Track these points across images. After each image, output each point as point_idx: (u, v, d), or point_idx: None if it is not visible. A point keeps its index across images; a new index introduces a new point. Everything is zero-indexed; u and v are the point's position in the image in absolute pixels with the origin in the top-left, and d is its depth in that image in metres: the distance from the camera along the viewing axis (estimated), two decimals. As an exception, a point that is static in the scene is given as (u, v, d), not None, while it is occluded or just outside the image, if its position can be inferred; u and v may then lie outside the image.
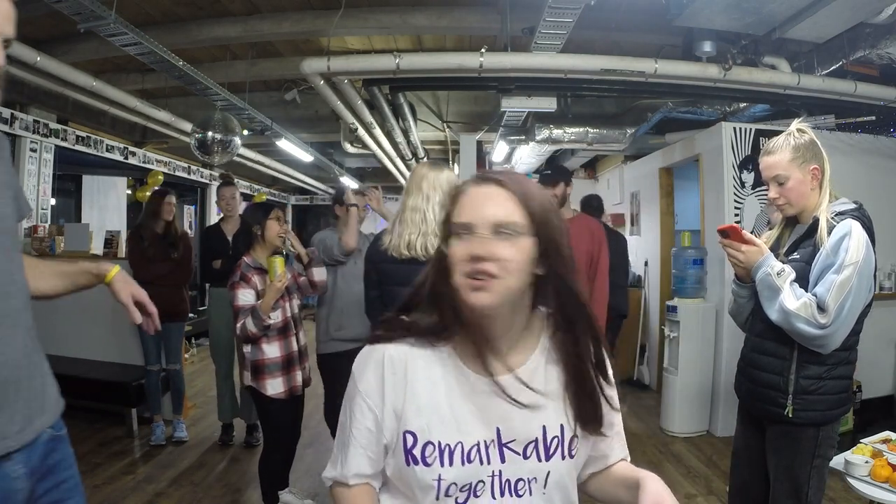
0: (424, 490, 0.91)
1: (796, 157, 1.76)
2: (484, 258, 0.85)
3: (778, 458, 1.82)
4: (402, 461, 0.92)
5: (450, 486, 0.90)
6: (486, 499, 0.91)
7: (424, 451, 0.91)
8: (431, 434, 0.91)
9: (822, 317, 1.66)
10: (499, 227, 0.87)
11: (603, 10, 3.02)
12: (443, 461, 0.90)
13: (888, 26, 3.03)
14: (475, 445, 0.91)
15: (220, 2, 3.67)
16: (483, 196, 0.89)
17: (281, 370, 2.68)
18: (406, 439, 0.92)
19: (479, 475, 0.91)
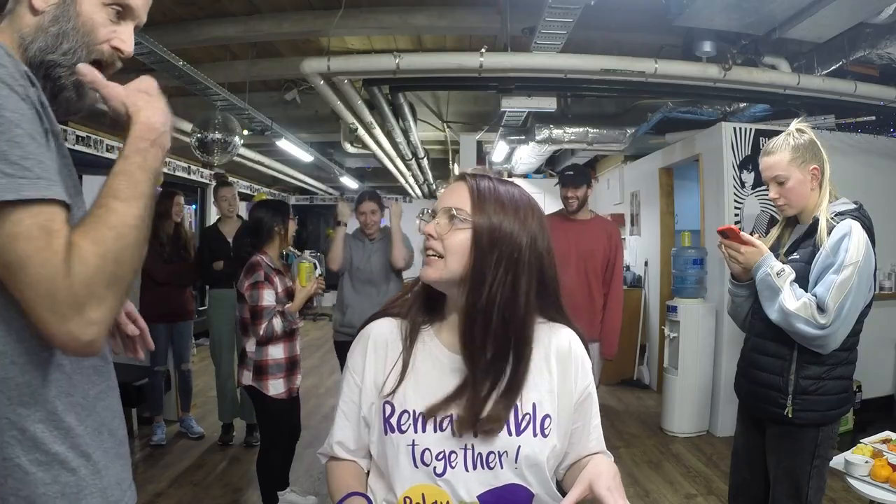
0: (401, 457, 0.97)
1: (796, 158, 1.76)
2: (431, 235, 0.99)
3: (778, 459, 1.82)
4: (381, 431, 1.00)
5: (424, 451, 0.96)
6: (460, 470, 0.96)
7: (400, 419, 0.99)
8: (407, 403, 0.99)
9: (821, 317, 1.66)
10: (449, 212, 0.99)
11: (603, 10, 3.02)
12: (416, 427, 0.97)
13: (888, 26, 3.03)
14: (448, 417, 0.97)
15: (220, 2, 3.67)
16: (450, 188, 1.03)
17: (283, 372, 2.73)
18: (385, 409, 1.00)
19: (452, 446, 0.97)
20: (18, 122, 0.69)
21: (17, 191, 0.67)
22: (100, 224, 0.75)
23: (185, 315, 4.04)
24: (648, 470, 3.62)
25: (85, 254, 0.71)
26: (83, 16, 0.85)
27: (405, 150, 6.34)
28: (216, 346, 4.01)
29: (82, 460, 0.79)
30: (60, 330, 0.69)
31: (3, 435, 0.73)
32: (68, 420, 0.78)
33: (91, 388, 0.83)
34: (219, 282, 3.92)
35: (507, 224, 0.97)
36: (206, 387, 4.60)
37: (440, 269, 0.98)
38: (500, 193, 1.00)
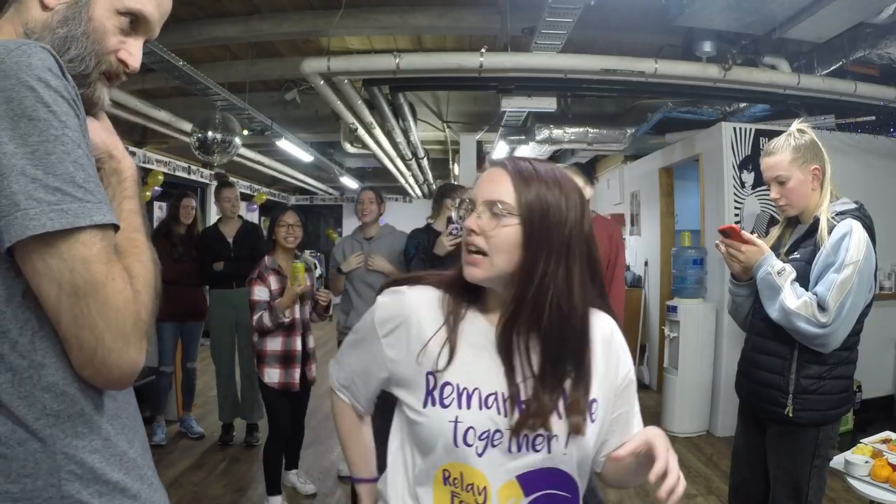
0: (442, 434, 0.92)
1: (797, 158, 1.77)
2: (473, 231, 0.92)
3: (778, 458, 1.82)
4: (421, 402, 0.95)
5: (468, 430, 0.91)
6: (503, 450, 0.91)
7: (443, 392, 0.94)
8: (450, 375, 0.94)
9: (822, 316, 1.66)
10: (490, 205, 0.92)
11: (603, 10, 3.02)
12: (460, 403, 0.92)
13: (888, 26, 3.03)
14: (493, 394, 0.93)
15: (220, 2, 3.67)
16: (488, 176, 0.96)
17: (279, 363, 2.91)
18: (428, 381, 0.95)
19: (498, 424, 0.91)
20: (79, 142, 0.67)
21: (89, 216, 0.66)
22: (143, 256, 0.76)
23: (196, 315, 4.06)
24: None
25: (142, 280, 0.73)
26: (95, 21, 0.79)
27: (405, 150, 6.34)
28: (216, 346, 4.01)
29: (140, 484, 0.77)
30: (122, 358, 0.68)
31: (61, 472, 0.68)
32: (121, 445, 0.75)
33: (130, 407, 0.82)
34: (219, 282, 3.93)
35: (556, 212, 0.91)
36: (207, 387, 4.60)
37: (487, 269, 0.92)
38: (544, 177, 0.92)
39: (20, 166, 0.63)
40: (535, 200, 0.90)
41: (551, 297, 0.90)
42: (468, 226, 0.93)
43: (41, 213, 0.63)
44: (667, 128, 5.22)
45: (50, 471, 0.68)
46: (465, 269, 0.94)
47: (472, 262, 0.93)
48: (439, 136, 6.33)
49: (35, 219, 0.62)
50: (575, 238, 0.92)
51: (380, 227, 3.47)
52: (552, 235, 0.90)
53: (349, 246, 3.45)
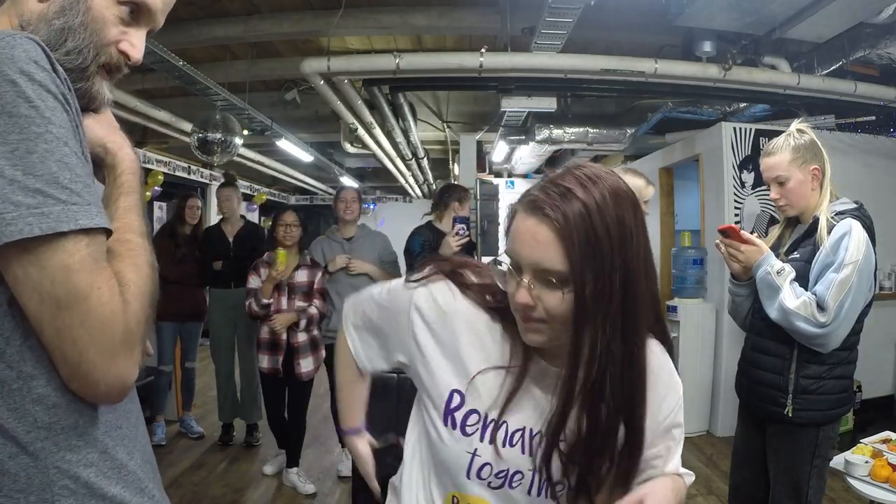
0: (456, 461, 0.86)
1: (796, 158, 1.77)
2: (529, 306, 0.78)
3: (778, 458, 1.82)
4: (440, 419, 0.87)
5: (484, 465, 0.85)
6: (521, 492, 0.85)
7: (467, 419, 0.86)
8: (480, 402, 0.86)
9: (821, 315, 1.66)
10: (541, 274, 0.77)
11: (603, 10, 3.02)
12: (483, 435, 0.85)
13: (888, 26, 3.03)
14: (520, 430, 0.85)
15: (220, 2, 3.67)
16: (528, 231, 0.77)
17: (267, 350, 3.17)
18: (452, 398, 0.87)
19: (520, 465, 0.84)
20: (66, 139, 0.63)
21: (74, 219, 0.61)
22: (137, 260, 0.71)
23: (196, 315, 4.06)
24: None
25: (135, 288, 0.67)
26: (94, 10, 0.74)
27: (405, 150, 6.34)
28: (216, 345, 4.01)
29: (140, 497, 0.73)
30: (108, 372, 0.63)
31: (54, 487, 0.65)
32: (120, 457, 0.71)
33: (131, 416, 0.77)
34: (218, 281, 3.93)
35: (627, 267, 0.76)
36: (206, 387, 4.60)
37: (548, 335, 0.80)
38: (590, 213, 0.74)
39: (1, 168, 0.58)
40: (596, 260, 0.74)
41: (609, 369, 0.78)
42: (522, 302, 0.77)
43: (19, 217, 0.58)
44: (667, 128, 5.22)
45: (42, 486, 0.64)
46: (524, 335, 0.82)
47: (533, 329, 0.80)
48: (439, 136, 6.34)
49: (11, 224, 0.58)
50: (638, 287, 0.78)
51: (357, 228, 3.45)
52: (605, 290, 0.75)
53: (328, 246, 3.41)
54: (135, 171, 0.78)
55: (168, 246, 3.93)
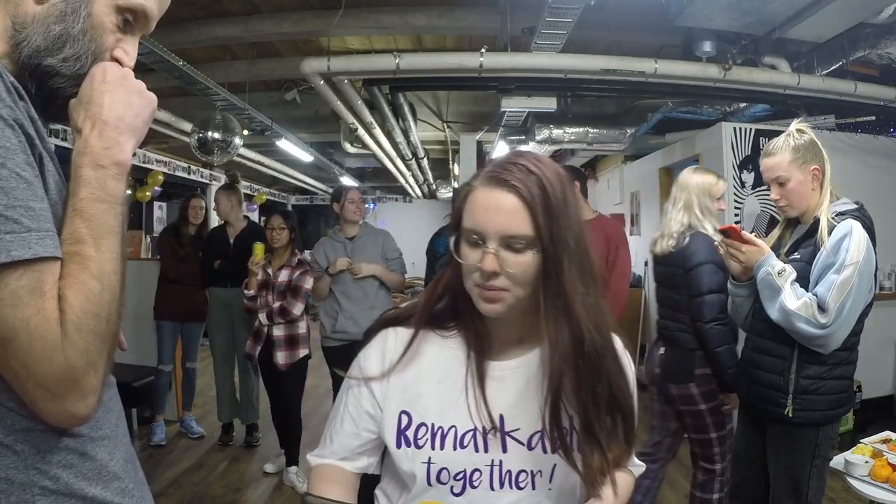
0: (415, 475, 0.88)
1: (796, 158, 1.77)
2: (496, 273, 0.83)
3: (778, 458, 1.82)
4: (394, 443, 0.91)
5: (440, 471, 0.88)
6: (484, 490, 0.88)
7: (417, 433, 0.90)
8: (426, 416, 0.90)
9: (822, 317, 1.66)
10: (508, 240, 0.83)
11: (603, 10, 3.02)
12: (433, 444, 0.89)
13: (888, 26, 3.03)
14: (471, 431, 0.89)
15: (220, 2, 3.67)
16: (494, 203, 0.84)
17: (252, 336, 3.40)
18: (401, 420, 0.91)
19: (476, 463, 0.88)
20: (2, 161, 0.58)
21: (6, 250, 0.56)
22: (80, 276, 0.63)
23: (197, 316, 4.05)
24: (648, 470, 3.61)
25: (74, 315, 0.61)
26: (94, 17, 0.72)
27: (405, 150, 6.34)
28: (216, 345, 4.01)
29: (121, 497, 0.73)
30: (53, 409, 0.61)
31: (34, 488, 0.64)
32: (100, 457, 0.71)
33: (112, 416, 0.76)
34: (216, 281, 3.93)
35: (575, 229, 0.85)
36: (206, 387, 4.60)
37: (510, 303, 0.86)
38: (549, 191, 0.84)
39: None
40: (552, 219, 0.83)
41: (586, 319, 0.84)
42: (487, 268, 0.83)
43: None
44: (667, 128, 5.22)
45: (23, 486, 0.64)
46: (483, 305, 0.87)
47: (492, 297, 0.85)
48: (439, 136, 6.33)
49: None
50: (582, 244, 0.87)
51: (360, 227, 3.44)
52: (568, 248, 0.84)
53: (331, 247, 3.39)
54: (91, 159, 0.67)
55: (172, 245, 3.97)
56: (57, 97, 0.73)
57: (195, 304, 4.01)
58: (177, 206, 4.30)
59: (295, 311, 3.28)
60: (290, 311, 3.28)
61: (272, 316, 3.29)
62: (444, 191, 9.88)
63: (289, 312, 3.28)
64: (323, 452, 0.97)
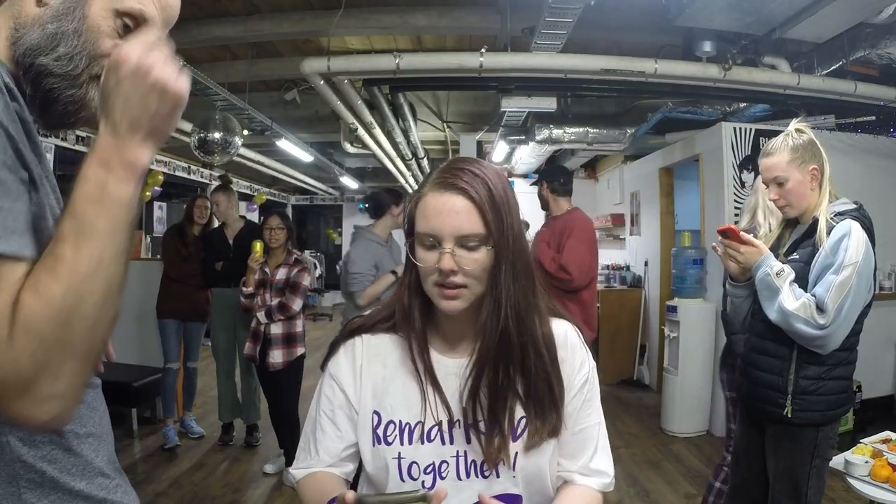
0: (387, 469, 0.93)
1: (795, 158, 1.76)
2: (454, 271, 0.88)
3: (777, 459, 1.82)
4: (370, 442, 0.95)
5: (411, 465, 0.92)
6: (452, 480, 0.92)
7: (387, 430, 0.95)
8: (394, 413, 0.95)
9: (821, 317, 1.66)
10: (461, 240, 0.89)
11: (603, 10, 3.02)
12: (402, 439, 0.93)
13: (888, 26, 3.03)
14: (436, 425, 0.93)
15: (220, 2, 3.67)
16: (446, 206, 0.89)
17: (249, 337, 3.43)
18: (373, 419, 0.96)
19: (443, 455, 0.93)
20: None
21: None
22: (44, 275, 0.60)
23: (199, 316, 4.06)
24: (648, 470, 3.62)
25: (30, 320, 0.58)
26: (90, 19, 0.72)
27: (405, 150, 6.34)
28: (216, 345, 4.02)
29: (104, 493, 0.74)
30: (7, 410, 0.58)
31: (20, 480, 0.66)
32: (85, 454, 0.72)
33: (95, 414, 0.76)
34: (217, 282, 3.94)
35: (515, 228, 0.92)
36: (207, 387, 4.60)
37: (469, 299, 0.91)
38: (494, 193, 0.91)
39: None
40: (498, 219, 0.90)
41: (517, 314, 0.91)
42: (445, 268, 0.88)
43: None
44: (667, 128, 5.22)
45: (9, 479, 0.65)
46: (443, 304, 0.91)
47: (451, 295, 0.90)
48: (439, 136, 6.33)
49: None
50: (524, 253, 0.94)
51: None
52: (512, 256, 0.91)
53: (374, 251, 3.19)
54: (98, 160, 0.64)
55: (175, 245, 3.97)
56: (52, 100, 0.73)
57: (198, 303, 4.02)
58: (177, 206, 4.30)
59: (294, 306, 3.34)
60: (289, 307, 3.32)
61: (271, 313, 3.31)
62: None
63: (288, 308, 3.32)
64: (309, 462, 0.99)
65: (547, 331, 0.97)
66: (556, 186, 3.45)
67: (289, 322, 3.36)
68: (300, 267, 3.42)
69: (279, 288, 3.37)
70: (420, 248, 0.92)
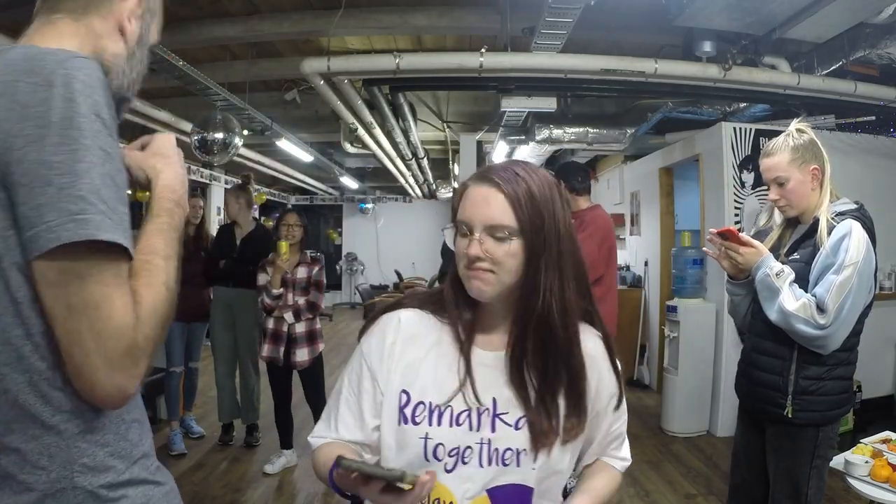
0: (413, 449, 0.94)
1: (796, 158, 1.76)
2: (479, 258, 0.92)
3: (777, 459, 1.82)
4: (395, 421, 0.97)
5: (437, 446, 0.94)
6: (474, 466, 0.94)
7: (415, 411, 0.96)
8: (424, 395, 0.97)
9: (821, 317, 1.65)
10: (492, 230, 0.92)
11: (603, 10, 3.01)
12: (431, 421, 0.95)
13: (888, 26, 3.03)
14: (466, 410, 0.95)
15: (220, 2, 3.67)
16: (480, 197, 0.94)
17: (268, 339, 3.39)
18: (401, 398, 0.97)
19: (468, 441, 0.94)
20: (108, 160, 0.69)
21: (107, 231, 0.66)
22: (153, 279, 0.74)
23: (202, 316, 4.05)
24: (648, 470, 3.62)
25: (148, 306, 0.72)
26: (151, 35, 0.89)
27: (405, 150, 6.34)
28: (216, 345, 4.01)
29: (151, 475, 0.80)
30: (107, 382, 0.68)
31: (74, 465, 0.72)
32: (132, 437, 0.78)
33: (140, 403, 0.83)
34: (218, 280, 3.93)
35: (550, 224, 0.93)
36: (207, 387, 4.60)
37: (493, 284, 0.93)
38: (535, 192, 0.93)
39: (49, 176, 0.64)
40: (535, 216, 0.92)
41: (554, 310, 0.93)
42: (472, 254, 0.92)
43: (60, 224, 0.64)
44: (667, 128, 5.22)
45: (64, 464, 0.71)
46: (472, 287, 0.94)
47: (480, 278, 0.93)
48: (439, 136, 6.33)
49: (53, 231, 0.64)
50: (565, 244, 0.95)
51: None
52: (549, 250, 0.93)
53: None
54: (169, 196, 0.83)
55: None
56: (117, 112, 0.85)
57: (201, 303, 4.01)
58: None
59: (322, 304, 3.42)
60: (318, 306, 3.39)
61: (299, 313, 3.34)
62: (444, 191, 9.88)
63: (317, 307, 3.39)
64: (327, 433, 1.02)
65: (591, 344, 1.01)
66: (575, 185, 3.38)
67: (311, 320, 3.41)
68: (319, 265, 3.46)
69: (303, 287, 3.39)
70: (458, 235, 0.96)
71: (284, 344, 3.35)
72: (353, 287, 11.08)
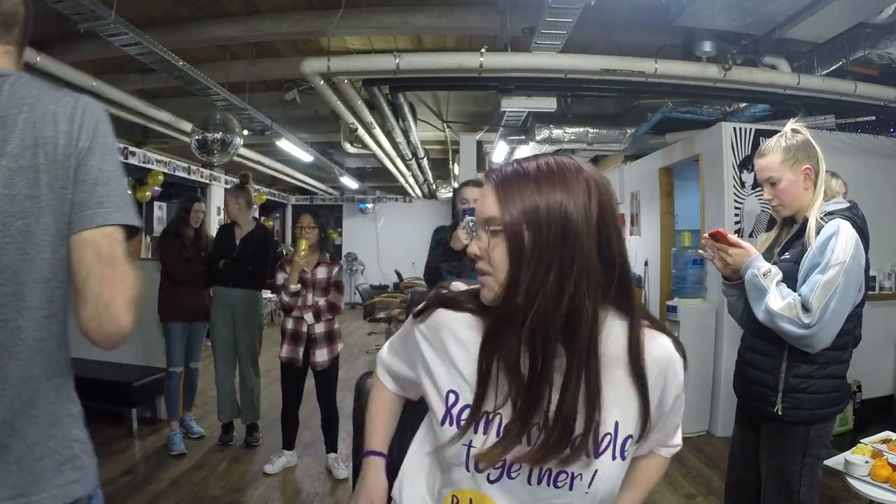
0: (455, 456, 0.89)
1: (787, 159, 1.77)
2: (477, 255, 0.89)
3: (769, 456, 1.83)
4: (440, 418, 0.92)
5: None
6: (521, 482, 0.87)
7: (462, 414, 0.90)
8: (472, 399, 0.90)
9: (806, 317, 1.66)
10: (485, 224, 0.88)
11: (603, 10, 3.02)
12: (477, 427, 0.88)
13: (888, 26, 3.03)
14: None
15: (220, 2, 3.67)
16: (481, 193, 0.91)
17: (288, 340, 3.37)
18: (449, 398, 0.92)
19: (516, 454, 0.86)
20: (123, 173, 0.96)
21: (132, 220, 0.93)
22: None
23: (203, 316, 4.04)
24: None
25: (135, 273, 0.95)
26: None
27: (405, 150, 6.34)
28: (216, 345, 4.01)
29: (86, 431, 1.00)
30: (122, 318, 0.88)
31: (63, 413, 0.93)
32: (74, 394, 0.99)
33: None
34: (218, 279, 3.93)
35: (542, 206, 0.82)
36: (207, 387, 4.60)
37: (493, 288, 0.87)
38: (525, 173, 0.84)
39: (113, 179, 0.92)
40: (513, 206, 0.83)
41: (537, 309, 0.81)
42: (473, 252, 0.89)
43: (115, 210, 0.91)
44: (667, 128, 5.22)
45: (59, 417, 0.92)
46: (481, 294, 0.90)
47: (484, 283, 0.89)
48: (439, 136, 6.34)
49: (112, 213, 0.90)
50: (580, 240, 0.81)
51: None
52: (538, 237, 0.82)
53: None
54: None
55: (176, 245, 3.96)
56: None
57: (201, 304, 4.00)
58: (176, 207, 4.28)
59: (342, 305, 3.42)
60: (338, 307, 3.38)
61: (319, 314, 3.34)
62: (444, 191, 9.88)
63: (338, 308, 3.38)
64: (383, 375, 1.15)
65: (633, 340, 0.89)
66: None
67: (329, 321, 3.41)
68: (339, 266, 3.48)
69: (323, 287, 3.39)
70: None
71: (304, 344, 3.34)
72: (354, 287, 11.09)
